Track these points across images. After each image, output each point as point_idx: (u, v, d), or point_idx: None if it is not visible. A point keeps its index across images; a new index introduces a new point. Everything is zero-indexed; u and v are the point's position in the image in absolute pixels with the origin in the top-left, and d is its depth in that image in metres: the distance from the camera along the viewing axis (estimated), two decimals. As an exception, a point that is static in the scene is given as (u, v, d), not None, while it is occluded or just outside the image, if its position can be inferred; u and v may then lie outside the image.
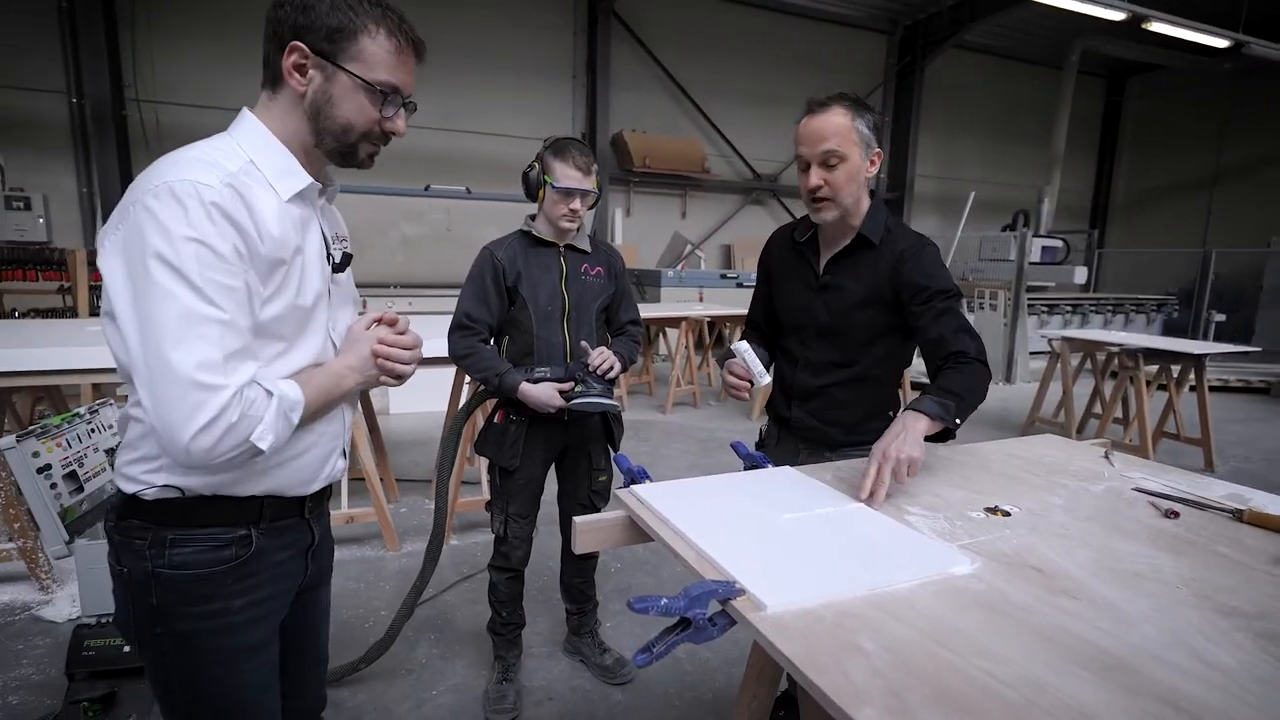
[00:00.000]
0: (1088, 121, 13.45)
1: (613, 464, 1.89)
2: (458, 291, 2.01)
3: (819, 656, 0.75)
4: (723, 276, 8.98)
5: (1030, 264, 8.14)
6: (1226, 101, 12.02)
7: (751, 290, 1.94)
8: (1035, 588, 0.92)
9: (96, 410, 2.16)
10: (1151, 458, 4.62)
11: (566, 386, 1.90)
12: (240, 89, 7.68)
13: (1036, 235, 10.11)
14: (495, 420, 2.05)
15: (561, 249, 2.01)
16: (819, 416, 1.65)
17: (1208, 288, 10.29)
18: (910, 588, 0.91)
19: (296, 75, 0.97)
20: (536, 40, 9.26)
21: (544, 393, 1.88)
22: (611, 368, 1.94)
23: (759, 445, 1.85)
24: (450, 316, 2.00)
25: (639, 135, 9.67)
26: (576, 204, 1.91)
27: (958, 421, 1.33)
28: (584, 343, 1.96)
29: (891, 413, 1.68)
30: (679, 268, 9.26)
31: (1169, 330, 10.30)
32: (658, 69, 9.95)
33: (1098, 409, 5.61)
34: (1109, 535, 1.10)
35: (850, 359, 1.61)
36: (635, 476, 1.29)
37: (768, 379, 1.62)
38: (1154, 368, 4.88)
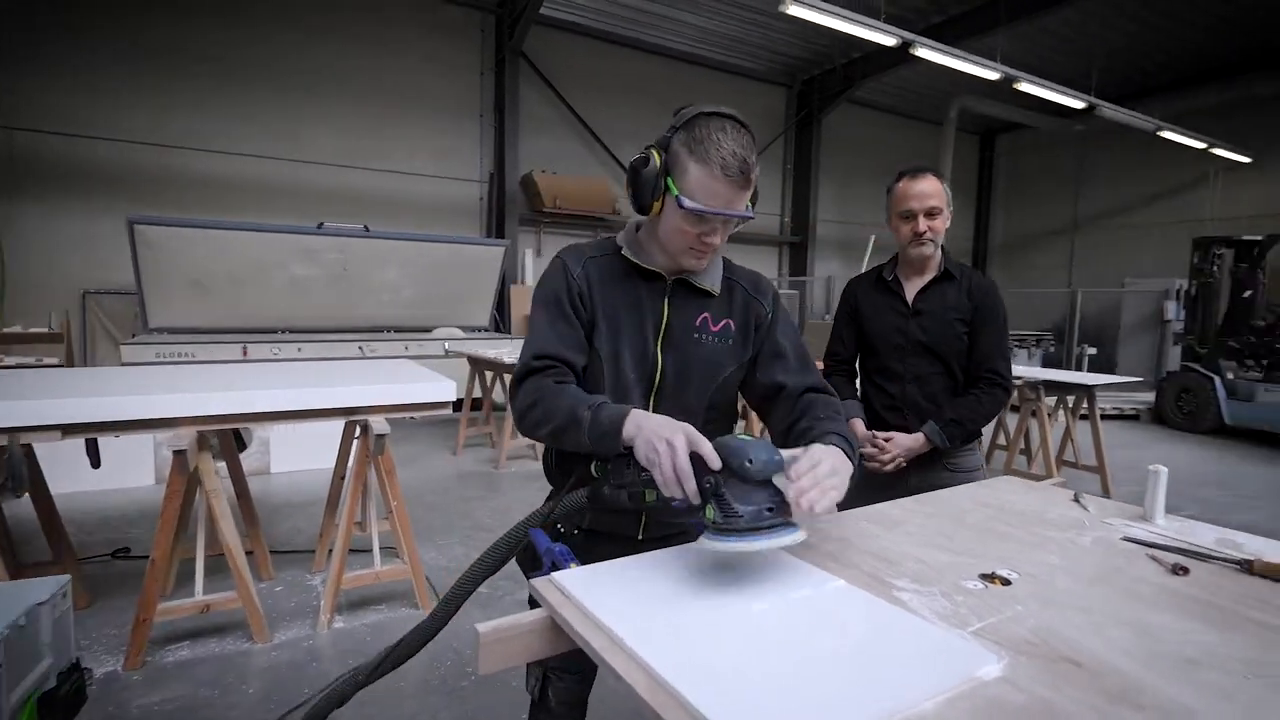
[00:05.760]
0: (966, 173, 14.66)
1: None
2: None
3: None
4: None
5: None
6: (1078, 159, 13.49)
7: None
8: (1086, 692, 0.71)
9: None
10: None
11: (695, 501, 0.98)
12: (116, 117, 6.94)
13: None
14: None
15: (669, 285, 1.29)
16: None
17: (1077, 324, 11.23)
18: (935, 706, 0.68)
19: None
20: (442, 77, 9.00)
21: (676, 439, 0.97)
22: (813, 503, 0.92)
23: None
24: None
25: (549, 176, 9.53)
26: (716, 238, 1.19)
27: (945, 443, 1.96)
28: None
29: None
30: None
31: (1047, 363, 11.08)
32: (567, 111, 9.91)
33: (1000, 440, 5.80)
34: (1130, 604, 0.92)
35: (950, 369, 2.01)
36: (556, 559, 1.00)
37: None
38: (1053, 399, 5.10)
